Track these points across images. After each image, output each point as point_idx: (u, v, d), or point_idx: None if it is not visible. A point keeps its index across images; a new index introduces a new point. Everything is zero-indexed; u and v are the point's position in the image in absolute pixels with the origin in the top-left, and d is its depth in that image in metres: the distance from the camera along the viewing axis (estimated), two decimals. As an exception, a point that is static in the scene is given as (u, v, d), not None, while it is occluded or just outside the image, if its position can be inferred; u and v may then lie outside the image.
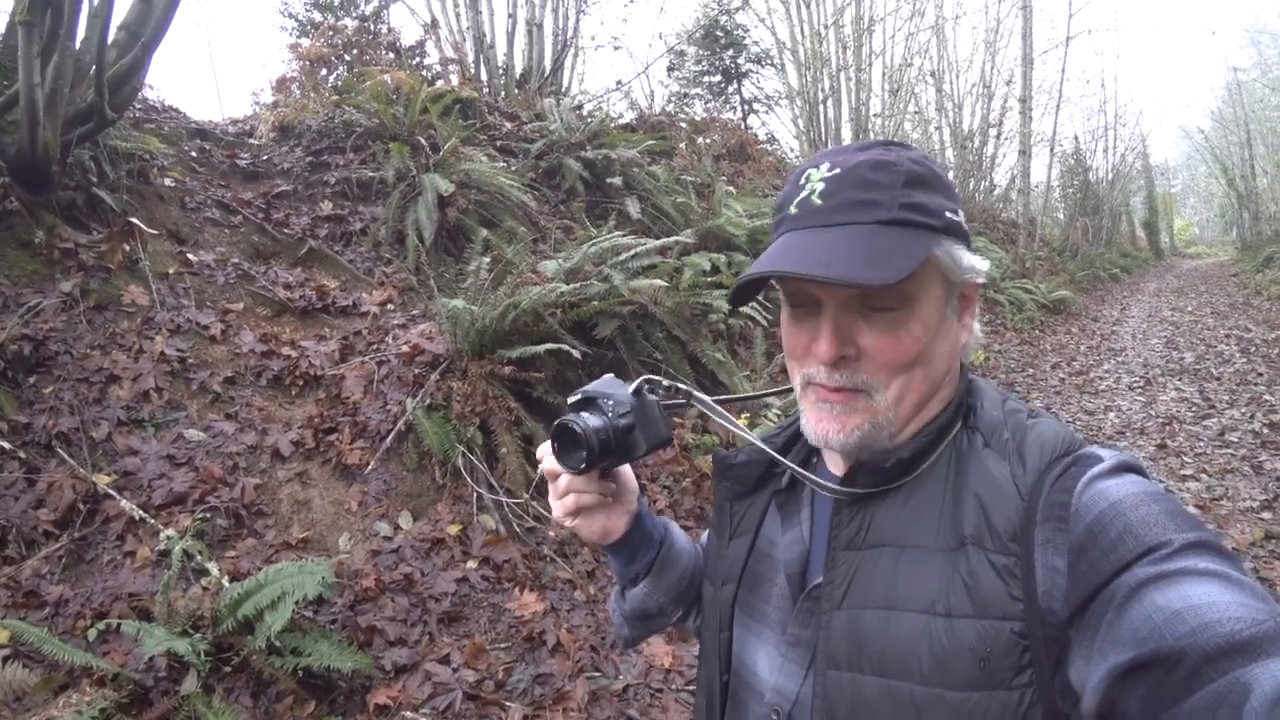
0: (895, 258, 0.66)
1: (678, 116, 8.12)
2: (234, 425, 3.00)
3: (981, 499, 0.67)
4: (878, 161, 0.70)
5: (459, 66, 6.28)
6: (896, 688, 0.65)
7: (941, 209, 0.70)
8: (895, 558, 0.69)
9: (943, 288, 0.71)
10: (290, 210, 4.15)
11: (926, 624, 0.65)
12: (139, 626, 2.01)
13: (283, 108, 4.66)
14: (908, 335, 0.69)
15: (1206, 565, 0.55)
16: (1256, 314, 10.71)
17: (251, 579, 2.21)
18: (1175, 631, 0.51)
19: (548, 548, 3.09)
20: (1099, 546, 0.59)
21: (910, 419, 0.72)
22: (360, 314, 3.83)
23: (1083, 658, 0.58)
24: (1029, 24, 12.14)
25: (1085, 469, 0.64)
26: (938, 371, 0.72)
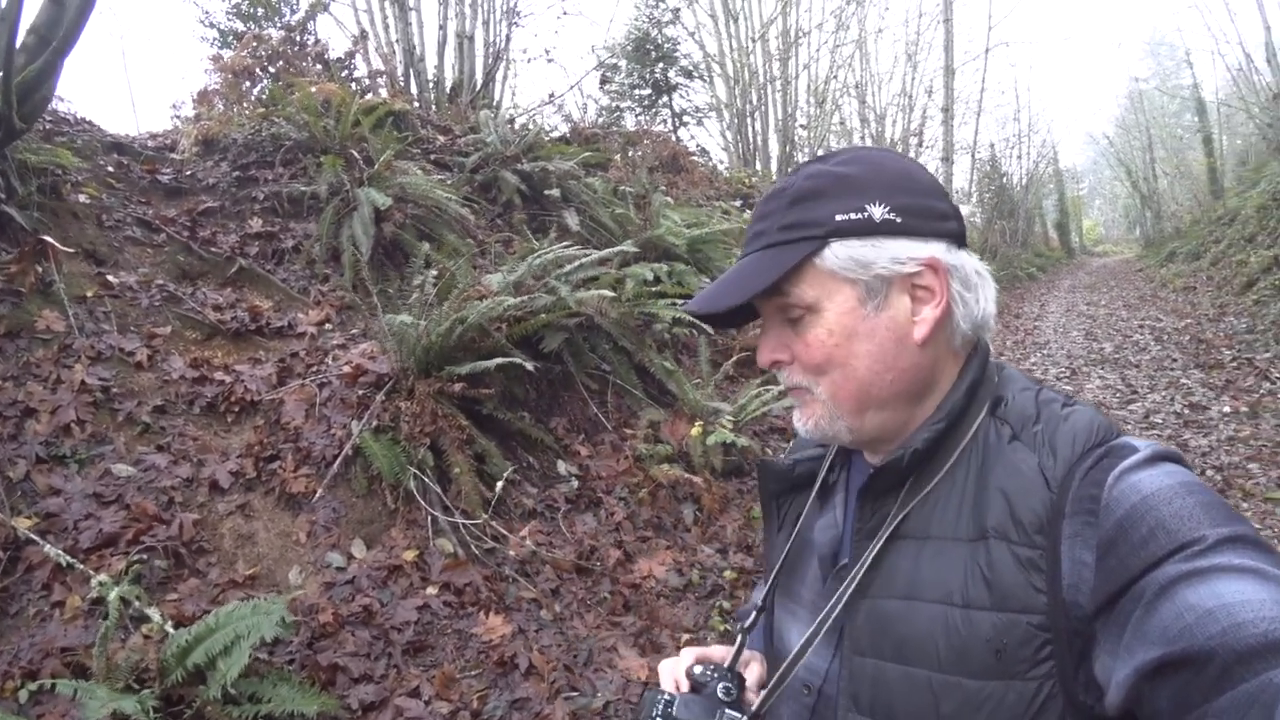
0: (755, 277, 0.73)
1: (610, 129, 8.13)
2: (166, 457, 2.80)
3: (1006, 492, 0.68)
4: (773, 192, 0.77)
5: (388, 79, 6.12)
6: (916, 675, 0.68)
7: (828, 215, 0.72)
8: (918, 549, 0.71)
9: (851, 287, 0.72)
10: (217, 228, 3.94)
11: (945, 614, 0.67)
12: (76, 685, 1.83)
13: (206, 120, 4.41)
14: (814, 340, 0.74)
15: (1241, 561, 0.54)
16: (1165, 305, 11.40)
17: (200, 623, 2.05)
18: (1206, 631, 0.51)
19: (509, 568, 3.00)
20: (1129, 542, 0.59)
21: (858, 413, 0.75)
22: (297, 335, 3.66)
23: (1109, 653, 0.58)
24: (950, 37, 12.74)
25: (1117, 461, 0.64)
26: (865, 370, 0.73)
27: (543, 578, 3.03)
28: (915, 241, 0.72)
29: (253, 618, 2.00)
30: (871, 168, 0.75)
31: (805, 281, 0.73)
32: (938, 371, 0.76)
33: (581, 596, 3.01)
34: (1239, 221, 12.56)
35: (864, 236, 0.72)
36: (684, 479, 3.97)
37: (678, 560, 3.40)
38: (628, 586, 3.13)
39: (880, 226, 0.72)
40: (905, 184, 0.74)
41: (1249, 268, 10.04)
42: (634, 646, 2.78)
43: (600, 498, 3.69)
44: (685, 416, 4.56)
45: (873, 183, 0.74)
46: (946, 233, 0.74)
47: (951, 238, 0.75)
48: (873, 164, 0.75)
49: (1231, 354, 7.45)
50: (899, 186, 0.74)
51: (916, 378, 0.75)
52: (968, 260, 0.76)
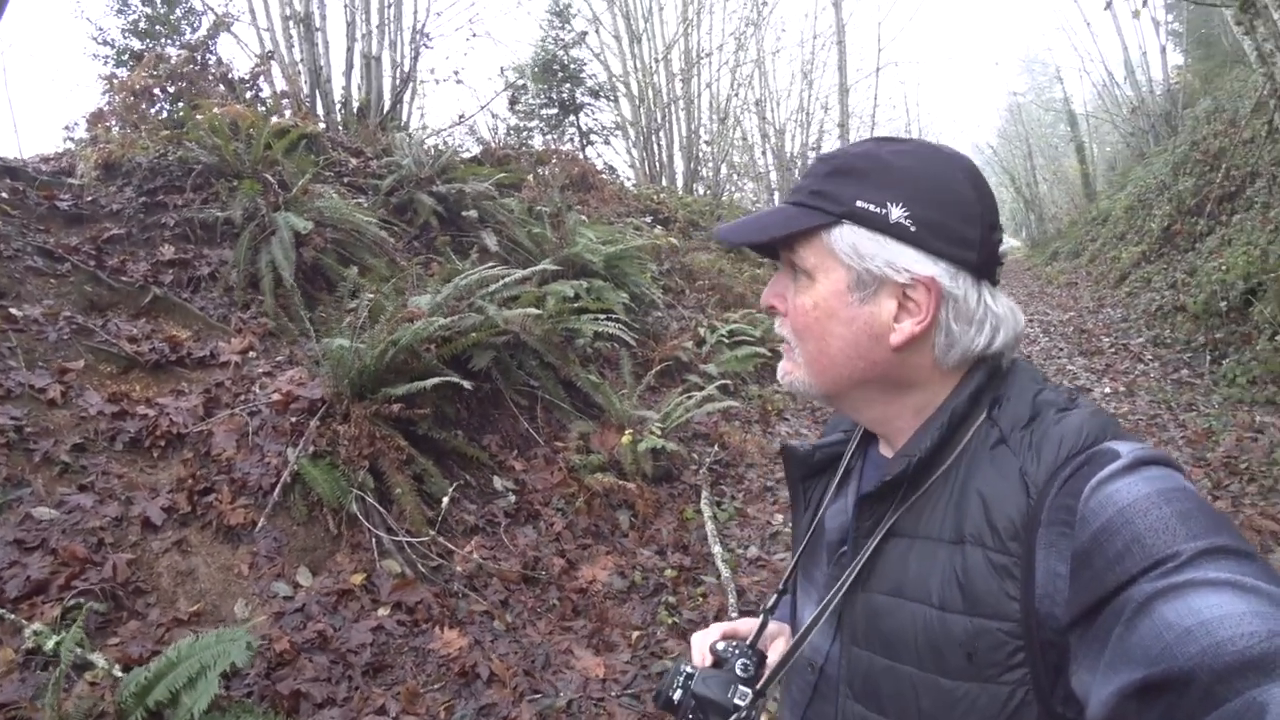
0: (769, 226, 0.77)
1: (521, 149, 8.20)
2: (91, 497, 2.69)
3: (985, 497, 0.68)
4: (826, 155, 0.80)
5: (294, 100, 5.98)
6: (899, 670, 0.70)
7: (851, 197, 0.72)
8: (908, 547, 0.73)
9: (845, 271, 0.73)
10: (126, 256, 3.78)
11: (924, 613, 0.69)
12: (29, 731, 1.77)
13: (104, 144, 4.21)
14: (800, 304, 0.76)
15: (1217, 575, 0.53)
16: (1051, 300, 12.32)
17: (160, 659, 2.01)
18: (1186, 651, 0.50)
19: (457, 583, 3.03)
20: (1105, 556, 0.58)
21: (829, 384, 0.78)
22: (220, 364, 3.56)
23: (1088, 669, 0.58)
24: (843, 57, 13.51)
25: (1097, 469, 0.62)
26: (835, 350, 0.75)
27: (491, 590, 3.08)
28: (920, 254, 0.71)
29: (218, 646, 1.98)
30: (917, 168, 0.73)
31: (811, 249, 0.75)
32: (918, 374, 0.76)
33: (531, 605, 3.07)
34: (1111, 221, 13.82)
35: (873, 230, 0.72)
36: (617, 486, 4.09)
37: (619, 564, 3.52)
38: (574, 592, 3.22)
39: (891, 227, 0.71)
40: (939, 197, 0.72)
41: (1121, 263, 11.12)
42: (588, 647, 2.87)
43: (539, 509, 3.76)
44: (613, 426, 4.69)
45: (908, 183, 0.72)
46: (961, 260, 0.72)
47: (968, 267, 0.72)
48: (921, 166, 0.74)
49: (1110, 341, 8.26)
50: (931, 198, 0.72)
51: (889, 373, 0.76)
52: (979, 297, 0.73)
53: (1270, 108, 4.94)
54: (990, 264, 0.74)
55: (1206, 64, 15.15)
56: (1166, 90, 15.58)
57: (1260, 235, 6.82)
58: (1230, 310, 6.56)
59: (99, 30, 8.03)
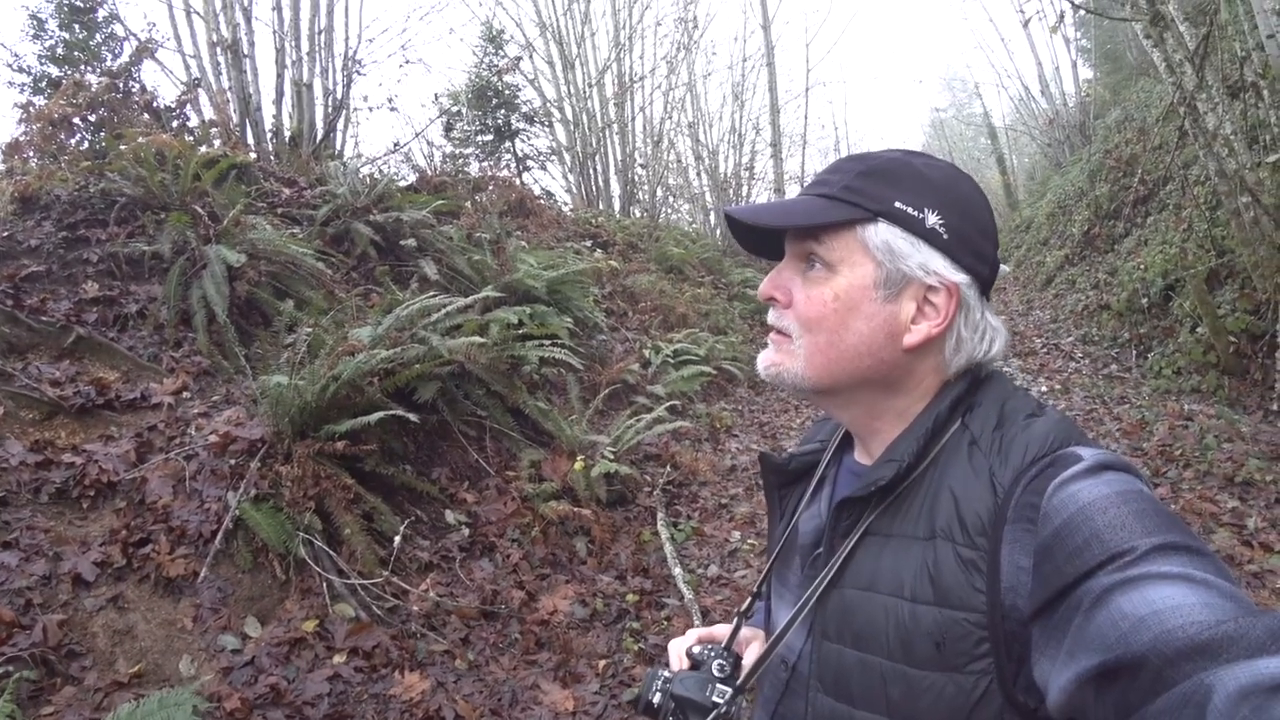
0: (802, 215, 0.77)
1: (458, 175, 8.13)
2: (16, 555, 2.51)
3: (956, 494, 0.72)
4: (857, 156, 0.81)
5: (223, 129, 5.80)
6: (870, 661, 0.73)
7: (890, 198, 0.75)
8: (882, 544, 0.76)
9: (875, 268, 0.76)
10: (46, 294, 3.57)
11: (896, 606, 0.72)
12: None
13: (20, 175, 3.99)
14: (817, 295, 0.77)
15: (1169, 568, 0.56)
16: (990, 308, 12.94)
17: (100, 726, 1.88)
18: (1140, 638, 0.53)
19: (415, 623, 2.94)
20: (1065, 550, 0.61)
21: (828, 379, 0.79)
22: (152, 406, 3.39)
23: (1049, 658, 0.61)
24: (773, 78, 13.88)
25: (1060, 470, 0.66)
26: (849, 345, 0.77)
27: (450, 628, 3.00)
28: (948, 261, 0.76)
29: (161, 712, 1.87)
30: (948, 182, 0.78)
31: (840, 241, 0.76)
32: (915, 378, 0.79)
33: (493, 641, 3.01)
34: (1034, 228, 14.54)
35: (908, 232, 0.75)
36: (572, 513, 4.05)
37: (579, 592, 3.48)
38: (536, 624, 3.16)
39: (927, 232, 0.75)
40: (968, 211, 0.78)
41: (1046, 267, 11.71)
42: (555, 680, 2.82)
43: (494, 541, 3.69)
44: (564, 453, 4.66)
45: (942, 194, 0.77)
46: (977, 272, 0.77)
47: (980, 280, 0.78)
48: (950, 181, 0.79)
49: (1041, 342, 8.65)
50: (961, 211, 0.77)
51: (890, 374, 0.79)
52: (983, 309, 0.79)
53: (1180, 115, 5.29)
54: (992, 281, 0.80)
55: (1114, 77, 16.11)
56: (1079, 102, 16.55)
57: (1175, 235, 7.25)
58: (1151, 306, 6.96)
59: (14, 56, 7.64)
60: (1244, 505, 3.78)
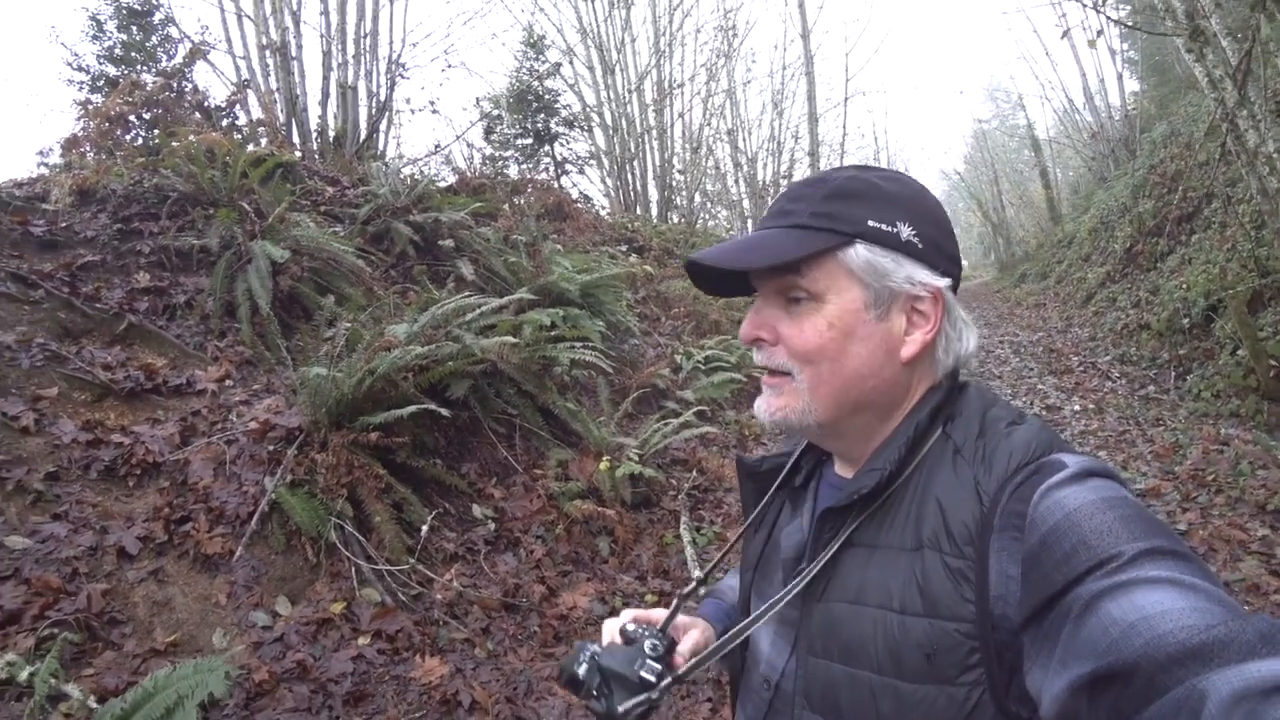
0: (779, 249, 0.75)
1: (496, 178, 8.28)
2: (65, 526, 2.65)
3: (942, 503, 0.71)
4: (814, 179, 0.80)
5: (270, 128, 6.01)
6: (858, 676, 0.72)
7: (862, 218, 0.75)
8: (868, 556, 0.75)
9: (862, 290, 0.75)
10: (101, 283, 3.75)
11: (884, 618, 0.71)
12: (4, 765, 1.74)
13: (79, 170, 4.19)
14: (811, 327, 0.76)
15: (1158, 573, 0.56)
16: (1020, 321, 12.58)
17: (137, 689, 1.98)
18: (1131, 644, 0.52)
19: (438, 611, 3.02)
20: (1053, 558, 0.61)
21: (834, 410, 0.77)
22: (196, 393, 3.53)
23: (1040, 667, 0.60)
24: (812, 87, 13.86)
25: (1045, 478, 0.66)
26: (852, 370, 0.76)
27: (472, 618, 3.07)
28: (928, 269, 0.77)
29: (195, 676, 1.96)
30: (909, 192, 0.79)
31: (822, 270, 0.76)
32: (913, 391, 0.80)
33: (512, 632, 3.07)
34: (1076, 244, 14.22)
35: (888, 249, 0.75)
36: (597, 513, 4.10)
37: (600, 590, 3.53)
38: (555, 619, 3.22)
39: (904, 245, 0.76)
40: (933, 218, 0.79)
41: (1087, 284, 11.45)
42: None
43: (518, 537, 3.76)
44: (592, 453, 4.71)
45: (907, 204, 0.78)
46: (951, 273, 0.79)
47: (954, 280, 0.80)
48: (911, 189, 0.80)
49: (1078, 360, 8.47)
50: (928, 218, 0.78)
51: (893, 391, 0.79)
52: (958, 305, 0.81)
53: (1222, 131, 5.17)
54: (959, 279, 0.82)
55: (1161, 90, 15.69)
56: (1124, 115, 16.13)
57: (1218, 254, 7.05)
58: (1193, 327, 6.77)
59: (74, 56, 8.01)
60: (1274, 534, 3.68)
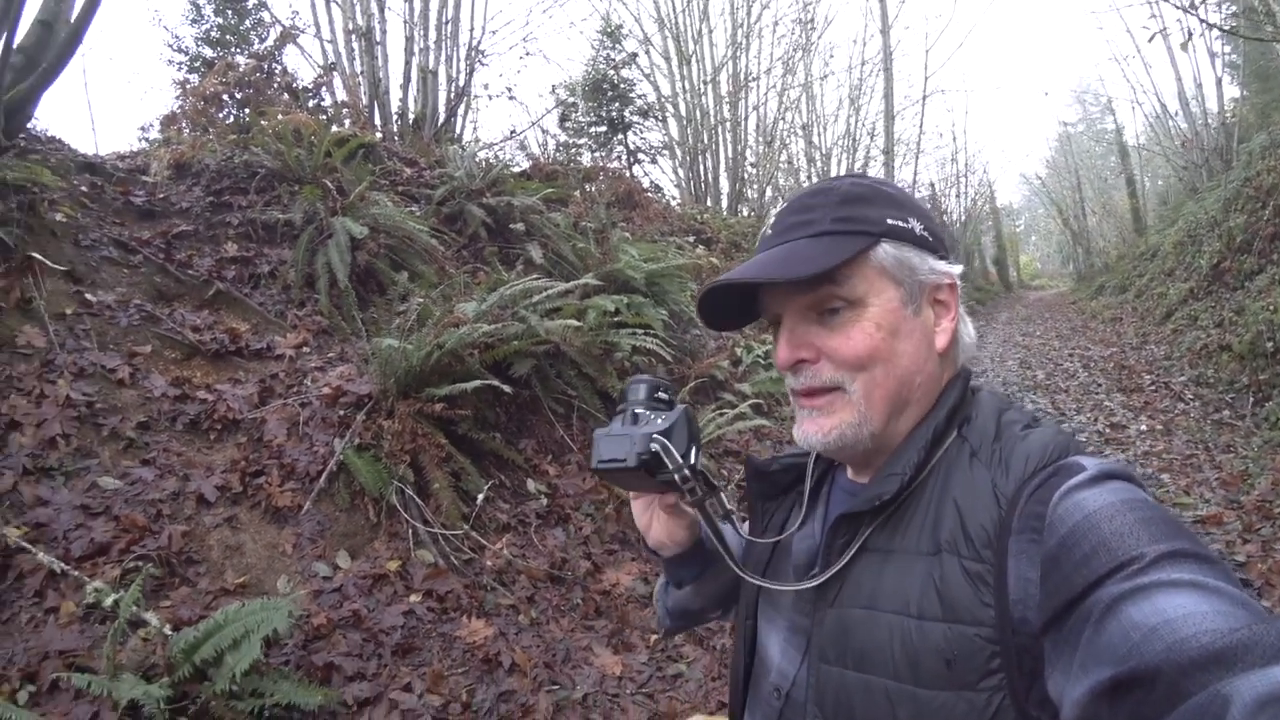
0: (817, 258, 0.73)
1: (569, 165, 8.41)
2: (153, 471, 2.87)
3: (960, 506, 0.70)
4: (817, 189, 0.81)
5: (354, 110, 6.26)
6: (874, 683, 0.70)
7: (880, 217, 0.76)
8: (883, 561, 0.74)
9: (896, 288, 0.76)
10: (193, 251, 4.01)
11: (901, 624, 0.69)
12: (90, 679, 1.91)
13: (176, 145, 4.49)
14: (859, 332, 0.75)
15: (1180, 575, 0.55)
16: (1094, 335, 12.10)
17: (208, 620, 2.15)
18: (1152, 648, 0.51)
19: (487, 577, 3.13)
20: (1072, 560, 0.60)
21: (888, 415, 0.76)
22: (275, 357, 3.75)
23: (1061, 671, 0.59)
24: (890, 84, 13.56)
25: (1064, 480, 0.65)
26: (904, 369, 0.76)
27: (519, 586, 3.18)
28: (942, 259, 0.80)
29: (262, 613, 2.11)
30: (903, 193, 0.82)
31: (858, 275, 0.75)
32: (942, 383, 0.80)
33: (556, 603, 3.16)
34: (1159, 257, 13.44)
35: (909, 244, 0.77)
36: (647, 497, 4.15)
37: (643, 570, 3.58)
38: (598, 593, 3.29)
39: (920, 239, 0.78)
40: (929, 214, 0.82)
41: (1168, 300, 10.83)
42: (607, 646, 2.95)
43: (569, 513, 3.85)
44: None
45: (909, 203, 0.81)
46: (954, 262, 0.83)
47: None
48: (904, 192, 0.83)
49: (1151, 378, 8.08)
50: (927, 214, 0.82)
51: (934, 385, 0.79)
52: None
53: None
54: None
55: (1264, 97, 14.69)
56: (1222, 123, 15.13)
57: (1312, 276, 6.63)
58: (1277, 351, 6.38)
59: (174, 38, 8.56)
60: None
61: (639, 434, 0.80)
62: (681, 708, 2.63)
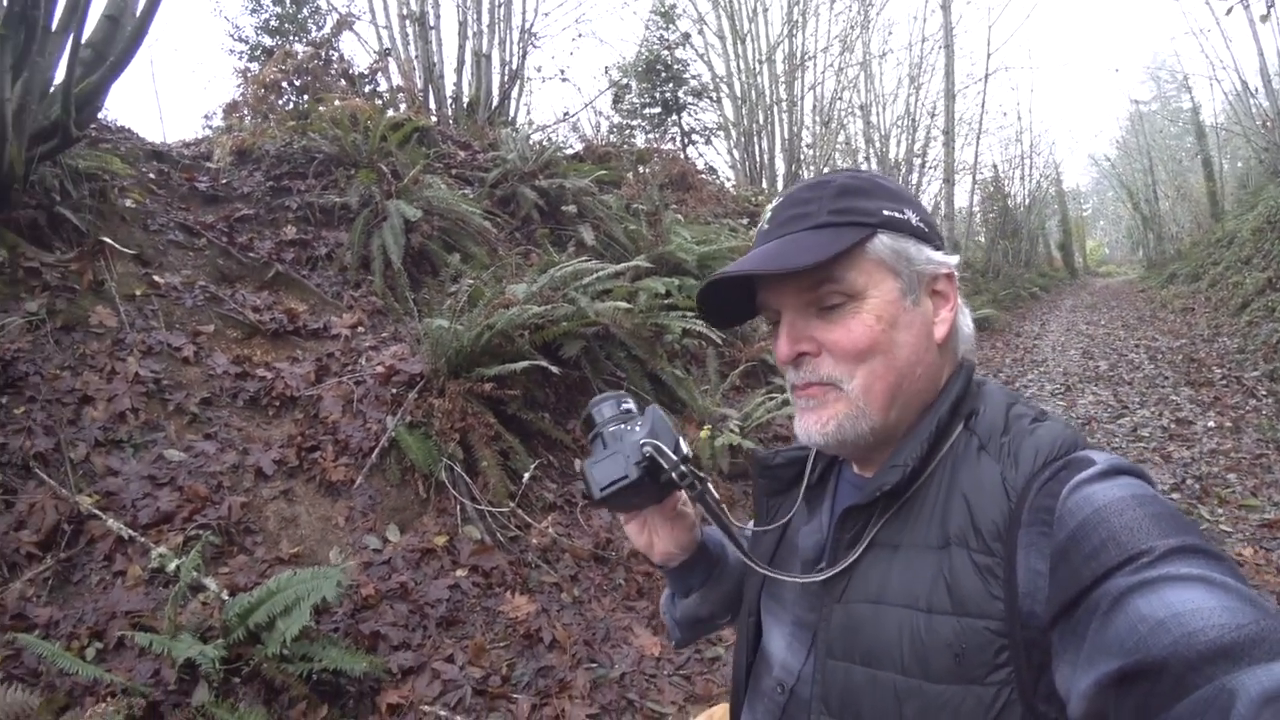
0: (816, 249, 0.73)
1: (622, 147, 8.38)
2: (214, 445, 2.99)
3: (969, 499, 0.70)
4: (813, 183, 0.81)
5: (409, 95, 6.36)
6: (881, 678, 0.70)
7: (876, 209, 0.76)
8: (890, 556, 0.74)
9: (895, 279, 0.76)
10: (254, 234, 4.15)
11: (910, 618, 0.69)
12: (151, 639, 2.01)
13: (238, 132, 4.65)
14: (859, 324, 0.74)
15: (1189, 570, 0.55)
16: (1162, 325, 11.52)
17: (261, 587, 2.23)
18: (1159, 641, 0.52)
19: (532, 555, 3.17)
20: (1081, 552, 0.60)
21: (887, 408, 0.76)
22: (331, 336, 3.85)
23: (1068, 664, 0.59)
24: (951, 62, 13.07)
25: (1074, 474, 0.65)
26: (904, 360, 0.76)
27: (563, 565, 3.20)
28: (937, 250, 0.80)
29: (312, 581, 2.18)
30: (896, 185, 0.83)
31: (856, 268, 0.75)
32: (942, 375, 0.80)
33: (599, 582, 3.18)
34: (1236, 244, 12.67)
35: (905, 235, 0.77)
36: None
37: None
38: (641, 575, 3.30)
39: (915, 229, 0.78)
40: (922, 206, 0.82)
41: (1244, 290, 10.19)
42: (647, 627, 2.95)
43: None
44: (695, 422, 4.74)
45: (903, 194, 0.81)
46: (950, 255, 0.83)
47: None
48: (894, 184, 0.83)
49: (1222, 372, 7.61)
50: (921, 207, 0.81)
51: (936, 377, 0.79)
52: None
53: None
54: None
55: (1355, 74, 13.59)
56: (1309, 102, 14.07)
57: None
58: (1359, 347, 5.93)
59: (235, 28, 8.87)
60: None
61: (628, 446, 0.82)
62: (717, 691, 2.61)
